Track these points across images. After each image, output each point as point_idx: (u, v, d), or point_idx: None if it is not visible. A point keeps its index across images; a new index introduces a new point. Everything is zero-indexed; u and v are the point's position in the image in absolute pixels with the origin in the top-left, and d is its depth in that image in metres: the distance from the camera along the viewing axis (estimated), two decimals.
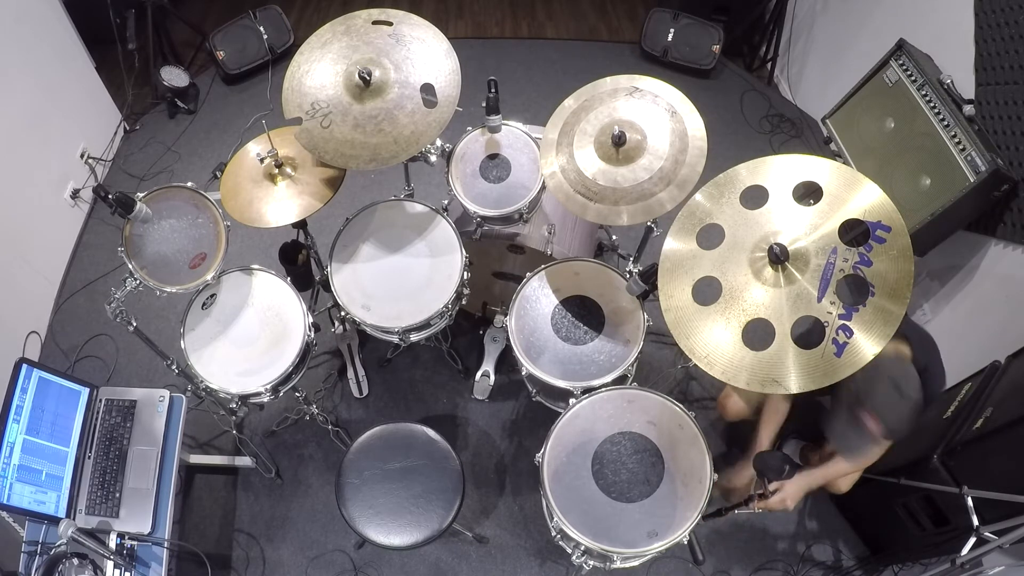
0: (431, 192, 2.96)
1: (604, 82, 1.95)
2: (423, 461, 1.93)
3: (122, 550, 1.79)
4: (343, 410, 2.68)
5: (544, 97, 3.54)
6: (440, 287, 2.07)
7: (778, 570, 2.37)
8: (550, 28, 4.18)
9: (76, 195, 3.11)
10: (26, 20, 2.76)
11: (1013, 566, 1.86)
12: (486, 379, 2.63)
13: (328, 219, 2.36)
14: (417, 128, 1.90)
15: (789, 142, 3.54)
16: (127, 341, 2.74)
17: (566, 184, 1.89)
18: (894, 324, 1.37)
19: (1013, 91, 2.17)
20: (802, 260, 1.47)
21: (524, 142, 2.19)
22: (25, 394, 1.80)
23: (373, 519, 1.86)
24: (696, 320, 1.55)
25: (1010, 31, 2.18)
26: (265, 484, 2.51)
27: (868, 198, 1.47)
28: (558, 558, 2.35)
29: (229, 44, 3.65)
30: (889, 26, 2.81)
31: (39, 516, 1.78)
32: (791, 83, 3.75)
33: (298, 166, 2.03)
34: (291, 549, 2.39)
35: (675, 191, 1.80)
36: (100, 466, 1.91)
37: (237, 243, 2.95)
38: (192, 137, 3.52)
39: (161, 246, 1.84)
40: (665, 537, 1.65)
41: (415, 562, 2.37)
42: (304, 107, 1.94)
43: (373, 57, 1.94)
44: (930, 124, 2.29)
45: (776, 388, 1.44)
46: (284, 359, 1.99)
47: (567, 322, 2.03)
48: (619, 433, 1.79)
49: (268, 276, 2.10)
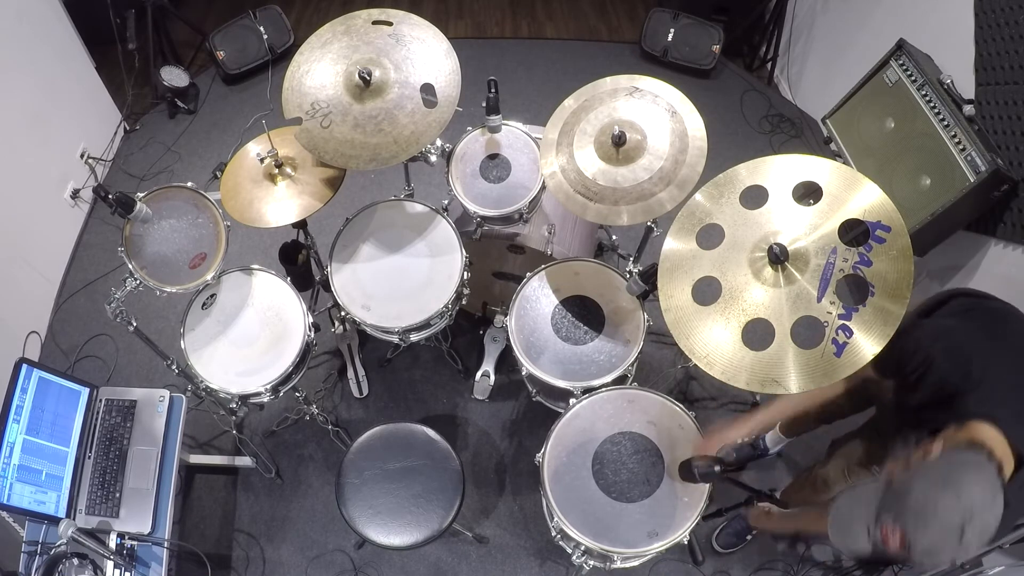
0: (431, 192, 2.96)
1: (604, 82, 1.95)
2: (423, 461, 1.93)
3: (122, 550, 1.79)
4: (343, 410, 2.68)
5: (544, 97, 3.53)
6: (440, 287, 2.07)
7: (778, 570, 2.36)
8: (550, 28, 4.18)
9: (76, 195, 3.11)
10: (26, 20, 2.75)
11: (1013, 566, 1.86)
12: (486, 379, 2.63)
13: (328, 219, 2.36)
14: (417, 128, 1.90)
15: (789, 142, 3.54)
16: (127, 341, 2.74)
17: (566, 184, 1.89)
18: (894, 324, 1.37)
19: (1013, 91, 2.17)
20: (802, 260, 1.47)
21: (524, 142, 2.19)
22: (25, 394, 1.80)
23: (373, 519, 1.86)
24: (696, 320, 1.55)
25: (1010, 31, 2.18)
26: (265, 484, 2.51)
27: (868, 198, 1.47)
28: (558, 558, 2.35)
29: (229, 44, 3.65)
30: (889, 26, 2.81)
31: (39, 516, 1.78)
32: (791, 83, 3.75)
33: (298, 166, 2.03)
34: (291, 549, 2.39)
35: (675, 191, 1.80)
36: (100, 466, 1.91)
37: (237, 243, 2.95)
38: (192, 137, 3.52)
39: (161, 246, 1.84)
40: (665, 537, 1.65)
41: (415, 562, 2.37)
42: (304, 107, 1.94)
43: (373, 57, 1.94)
44: (930, 124, 2.29)
45: (776, 388, 1.44)
46: (284, 359, 1.99)
47: (567, 322, 2.03)
48: (619, 433, 1.79)
49: (268, 276, 2.10)
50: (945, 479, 1.14)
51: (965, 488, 1.12)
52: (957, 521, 1.10)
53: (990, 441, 1.23)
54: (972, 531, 1.09)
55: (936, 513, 1.11)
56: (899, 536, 1.14)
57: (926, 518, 1.12)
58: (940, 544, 1.12)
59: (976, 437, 1.24)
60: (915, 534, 1.13)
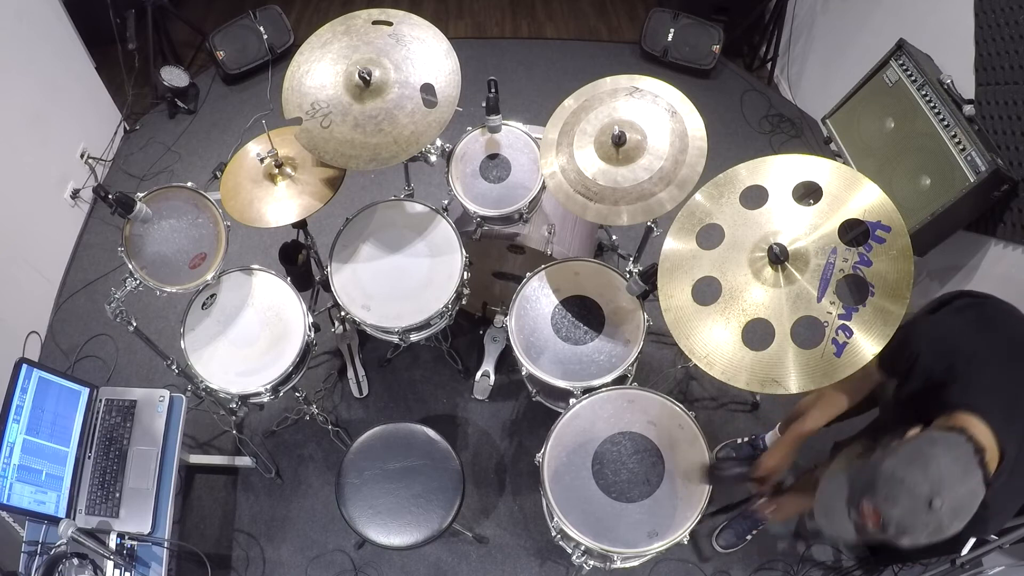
0: (431, 192, 2.96)
1: (604, 82, 1.95)
2: (423, 461, 1.93)
3: (122, 550, 1.79)
4: (343, 410, 2.68)
5: (544, 97, 3.53)
6: (440, 287, 2.07)
7: (778, 570, 2.36)
8: (550, 28, 4.18)
9: (76, 195, 3.11)
10: (26, 20, 2.75)
11: (1013, 566, 1.86)
12: (486, 379, 2.63)
13: (328, 219, 2.37)
14: (417, 128, 1.90)
15: (789, 142, 3.54)
16: (127, 341, 2.74)
17: (566, 184, 1.89)
18: (894, 324, 1.37)
19: (1013, 91, 2.17)
20: (802, 260, 1.47)
21: (524, 142, 2.19)
22: (25, 394, 1.80)
23: (373, 519, 1.86)
24: (696, 320, 1.55)
25: (1010, 31, 2.18)
26: (265, 484, 2.51)
27: (868, 198, 1.47)
28: (558, 558, 2.35)
29: (229, 44, 3.65)
30: (889, 26, 2.81)
31: (39, 516, 1.78)
32: (791, 83, 3.75)
33: (298, 166, 2.03)
34: (291, 549, 2.39)
35: (675, 191, 1.80)
36: (100, 466, 1.91)
37: (237, 243, 2.95)
38: (192, 137, 3.52)
39: (161, 246, 1.84)
40: (665, 537, 1.65)
41: (415, 562, 2.37)
42: (304, 107, 1.94)
43: (373, 57, 1.94)
44: (930, 124, 2.29)
45: (776, 388, 1.44)
46: (284, 359, 1.99)
47: (567, 322, 2.03)
48: (619, 433, 1.79)
49: (268, 276, 2.10)
50: (914, 455, 1.16)
51: (933, 462, 1.13)
52: (925, 491, 1.11)
53: (972, 429, 1.24)
54: (942, 504, 1.10)
55: (903, 485, 1.13)
56: (873, 512, 1.16)
57: (895, 491, 1.14)
58: (910, 517, 1.12)
59: (959, 425, 1.25)
60: (885, 508, 1.14)
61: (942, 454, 1.15)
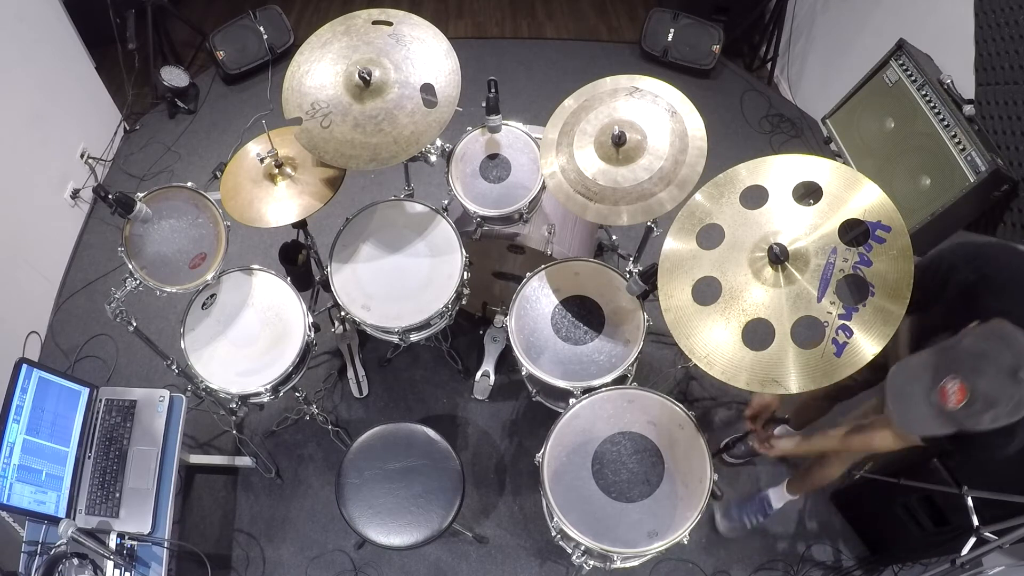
0: (431, 192, 2.96)
1: (604, 82, 1.95)
2: (423, 461, 1.93)
3: (122, 550, 1.79)
4: (343, 410, 2.68)
5: (544, 97, 3.53)
6: (440, 287, 2.07)
7: (778, 570, 2.37)
8: (550, 28, 4.18)
9: (76, 195, 3.11)
10: (26, 20, 2.75)
11: (1013, 566, 1.86)
12: (486, 379, 2.62)
13: (328, 219, 2.36)
14: (417, 128, 1.90)
15: (789, 142, 3.54)
16: (127, 341, 2.74)
17: (566, 184, 1.89)
18: (894, 324, 1.37)
19: (1013, 91, 2.17)
20: (802, 260, 1.47)
21: (524, 142, 2.19)
22: (25, 394, 1.80)
23: (373, 519, 1.86)
24: (696, 320, 1.55)
25: (1010, 31, 2.18)
26: (265, 484, 2.51)
27: (868, 198, 1.47)
28: (558, 558, 2.35)
29: (229, 44, 3.65)
30: (889, 26, 2.81)
31: (39, 516, 1.78)
32: (791, 83, 3.75)
33: (298, 166, 2.03)
34: (291, 549, 2.39)
35: (675, 191, 1.80)
36: (100, 466, 1.91)
37: (237, 243, 2.95)
38: (192, 137, 3.52)
39: (161, 246, 1.84)
40: (665, 537, 1.65)
41: (415, 562, 2.37)
42: (304, 107, 1.94)
43: (373, 57, 1.94)
44: (930, 124, 2.29)
45: (776, 388, 1.44)
46: (284, 359, 1.99)
47: (567, 322, 2.03)
48: (619, 433, 1.79)
49: (268, 276, 2.10)
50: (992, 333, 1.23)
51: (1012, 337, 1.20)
52: (1009, 362, 1.17)
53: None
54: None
55: (988, 357, 1.19)
56: (958, 387, 1.19)
57: (980, 363, 1.19)
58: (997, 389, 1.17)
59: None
60: (972, 380, 1.18)
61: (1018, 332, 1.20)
